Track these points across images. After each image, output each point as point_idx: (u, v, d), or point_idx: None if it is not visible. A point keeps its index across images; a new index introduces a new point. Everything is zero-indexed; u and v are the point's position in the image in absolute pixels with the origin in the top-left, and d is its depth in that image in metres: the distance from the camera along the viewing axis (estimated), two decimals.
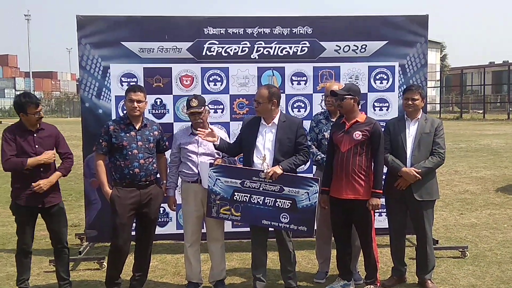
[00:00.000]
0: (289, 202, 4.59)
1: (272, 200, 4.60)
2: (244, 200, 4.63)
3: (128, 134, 4.61)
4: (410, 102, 4.86)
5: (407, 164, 4.81)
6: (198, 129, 4.71)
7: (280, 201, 4.59)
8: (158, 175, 4.86)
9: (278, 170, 4.54)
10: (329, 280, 5.15)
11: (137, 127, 4.66)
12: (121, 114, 5.47)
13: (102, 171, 4.65)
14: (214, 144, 4.71)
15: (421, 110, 4.96)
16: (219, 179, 4.66)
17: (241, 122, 4.98)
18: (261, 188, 4.60)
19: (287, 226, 4.63)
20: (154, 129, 4.80)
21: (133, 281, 4.88)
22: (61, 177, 4.68)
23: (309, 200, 4.57)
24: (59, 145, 4.67)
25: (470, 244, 6.21)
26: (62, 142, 4.71)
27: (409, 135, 4.88)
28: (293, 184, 4.59)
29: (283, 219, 4.61)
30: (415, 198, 4.81)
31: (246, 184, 4.62)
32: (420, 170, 4.74)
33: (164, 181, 4.95)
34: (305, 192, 4.57)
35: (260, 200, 4.62)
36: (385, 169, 4.88)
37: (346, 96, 4.60)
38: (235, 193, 4.64)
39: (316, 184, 4.59)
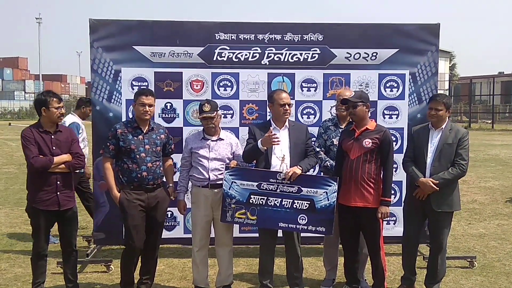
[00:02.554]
0: (307, 203, 4.57)
1: (289, 202, 4.59)
2: (261, 203, 4.62)
3: (136, 138, 4.63)
4: (433, 113, 4.76)
5: (426, 175, 4.74)
6: (273, 136, 4.54)
7: (298, 202, 4.58)
8: (164, 179, 4.88)
9: (298, 170, 4.57)
10: None
11: (144, 131, 4.68)
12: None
13: (110, 175, 4.67)
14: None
15: (447, 119, 4.82)
16: (234, 182, 4.64)
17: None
18: (278, 190, 4.59)
19: (305, 227, 4.61)
20: (161, 132, 4.82)
21: (141, 285, 4.89)
22: (63, 170, 4.54)
23: (328, 200, 4.56)
24: (72, 146, 4.65)
25: (478, 254, 6.17)
26: (76, 144, 4.72)
27: (431, 145, 4.78)
28: (311, 184, 4.58)
29: (301, 220, 4.59)
30: (434, 209, 4.75)
31: (263, 186, 4.61)
32: (437, 182, 4.66)
33: (171, 184, 4.95)
34: (324, 192, 4.56)
35: (277, 202, 4.60)
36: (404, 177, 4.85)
37: (359, 103, 4.60)
38: (251, 196, 4.62)
39: (335, 183, 4.57)
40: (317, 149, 5.08)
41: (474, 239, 7.04)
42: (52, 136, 4.55)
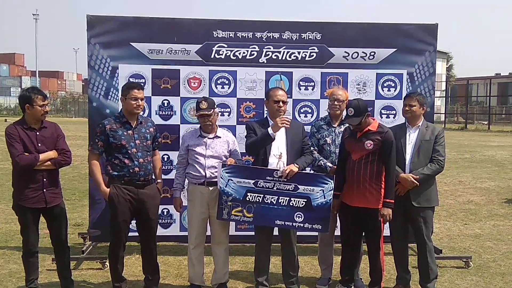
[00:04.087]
0: (303, 201, 4.58)
1: (286, 200, 4.59)
2: (257, 200, 4.61)
3: (125, 133, 4.57)
4: (407, 108, 4.88)
5: (405, 171, 4.80)
6: (283, 118, 4.59)
7: (294, 200, 4.58)
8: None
9: (294, 168, 4.57)
10: (332, 287, 5.14)
11: (133, 125, 4.63)
12: None
13: (98, 171, 4.62)
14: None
15: (422, 117, 4.93)
16: (231, 180, 4.63)
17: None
18: (275, 188, 4.59)
19: (301, 225, 4.61)
20: (149, 125, 4.78)
21: (147, 281, 4.88)
22: (49, 167, 4.49)
23: (324, 198, 4.57)
24: (58, 142, 4.57)
25: (473, 255, 6.18)
26: (62, 140, 4.62)
27: (409, 142, 4.87)
28: (308, 182, 4.59)
29: (297, 218, 4.59)
30: (413, 204, 4.80)
31: (259, 184, 4.60)
32: (418, 177, 4.73)
33: (159, 181, 4.92)
34: (320, 190, 4.57)
35: (274, 200, 4.60)
36: None
37: (361, 122, 4.51)
38: (248, 194, 4.61)
39: (332, 181, 4.58)
40: (311, 148, 5.07)
41: (470, 240, 7.05)
42: (37, 133, 4.48)
